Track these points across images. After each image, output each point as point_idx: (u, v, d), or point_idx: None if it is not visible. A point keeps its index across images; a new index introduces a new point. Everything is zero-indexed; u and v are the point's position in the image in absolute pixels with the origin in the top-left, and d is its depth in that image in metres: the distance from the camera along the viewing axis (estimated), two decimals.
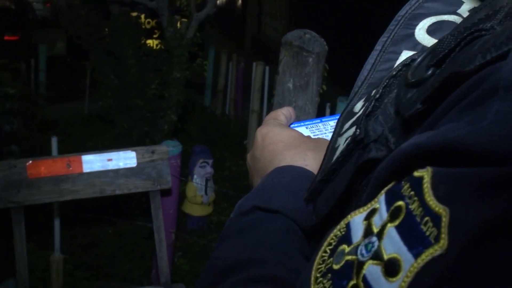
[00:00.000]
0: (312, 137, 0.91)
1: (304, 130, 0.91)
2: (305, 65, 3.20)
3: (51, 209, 3.53)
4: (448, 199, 0.38)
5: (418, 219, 0.40)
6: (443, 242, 0.38)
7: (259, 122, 6.55)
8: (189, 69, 5.32)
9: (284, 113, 0.93)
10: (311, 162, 0.79)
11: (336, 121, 0.96)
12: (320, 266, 0.47)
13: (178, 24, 5.66)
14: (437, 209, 0.39)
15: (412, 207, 0.41)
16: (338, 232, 0.48)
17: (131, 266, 4.40)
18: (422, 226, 0.39)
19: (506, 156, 0.37)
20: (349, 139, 0.59)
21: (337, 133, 0.65)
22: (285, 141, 0.83)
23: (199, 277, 0.66)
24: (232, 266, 0.63)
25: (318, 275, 0.47)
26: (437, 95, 0.47)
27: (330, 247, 0.48)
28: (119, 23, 5.33)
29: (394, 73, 0.60)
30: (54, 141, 3.51)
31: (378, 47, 0.70)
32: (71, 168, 3.19)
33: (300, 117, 3.06)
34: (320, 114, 3.91)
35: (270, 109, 5.38)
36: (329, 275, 0.46)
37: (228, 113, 7.91)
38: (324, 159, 0.65)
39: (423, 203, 0.40)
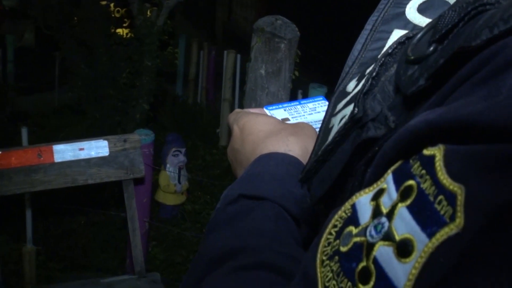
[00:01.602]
0: (291, 119, 0.90)
1: (282, 112, 0.91)
2: (277, 51, 3.20)
3: (22, 200, 3.49)
4: (463, 177, 0.37)
5: (431, 198, 0.39)
6: (459, 221, 0.37)
7: (231, 111, 6.52)
8: (160, 57, 5.29)
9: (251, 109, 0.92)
10: (294, 147, 0.78)
11: (314, 103, 0.96)
12: (325, 249, 0.46)
13: (148, 12, 5.61)
14: (451, 187, 0.38)
15: (424, 186, 0.39)
16: (343, 214, 0.47)
17: (105, 256, 4.37)
18: (436, 205, 0.38)
19: None
20: (346, 118, 0.58)
21: (330, 113, 0.64)
22: (264, 129, 0.82)
23: (188, 269, 0.65)
24: (223, 255, 0.62)
25: (324, 257, 0.46)
26: (441, 72, 0.46)
27: (335, 229, 0.46)
28: (88, 12, 5.28)
29: (390, 51, 0.59)
30: (24, 132, 3.46)
31: (368, 26, 0.68)
32: (42, 158, 3.16)
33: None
34: (293, 100, 3.91)
35: (242, 97, 5.37)
36: (336, 257, 0.44)
37: (200, 102, 7.88)
38: (317, 140, 0.63)
39: (436, 182, 0.39)
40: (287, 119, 0.90)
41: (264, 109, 0.92)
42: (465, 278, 0.36)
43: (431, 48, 0.48)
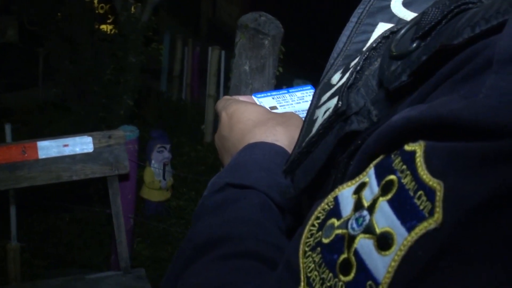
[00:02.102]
0: (278, 107, 0.91)
1: (270, 100, 0.92)
2: (261, 47, 3.21)
3: (7, 197, 3.47)
4: (442, 173, 0.38)
5: (411, 193, 0.40)
6: (438, 216, 0.38)
7: None
8: (144, 53, 5.27)
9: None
10: (281, 137, 0.79)
11: (303, 92, 0.96)
12: (308, 240, 0.47)
13: (133, 8, 5.59)
14: (431, 183, 0.39)
15: (404, 181, 0.41)
16: (326, 206, 0.48)
17: (90, 253, 4.37)
18: (415, 200, 0.39)
19: (501, 130, 0.37)
20: (329, 111, 0.59)
21: (315, 105, 0.65)
22: (253, 118, 0.83)
23: (174, 256, 0.66)
24: (208, 243, 0.62)
25: (306, 248, 0.46)
26: (424, 68, 0.47)
27: (318, 221, 0.47)
28: (72, 8, 5.25)
29: (374, 45, 0.60)
30: (8, 128, 3.45)
31: (353, 19, 0.69)
32: (26, 155, 3.15)
33: None
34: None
35: (226, 93, 5.37)
36: (319, 249, 0.45)
37: (185, 98, 7.87)
38: (301, 131, 0.64)
39: (416, 177, 0.40)
40: (275, 107, 0.91)
41: (253, 96, 0.93)
42: (443, 272, 0.38)
43: (414, 45, 0.50)
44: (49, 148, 3.17)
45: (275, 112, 0.87)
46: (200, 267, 0.60)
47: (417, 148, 0.41)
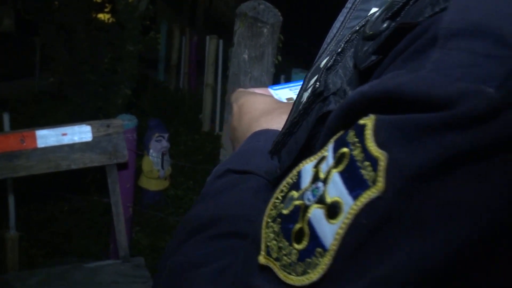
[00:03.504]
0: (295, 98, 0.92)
1: (287, 92, 0.93)
2: (260, 36, 3.20)
3: (5, 186, 3.46)
4: (386, 144, 0.40)
5: (359, 164, 0.41)
6: (380, 185, 0.39)
7: (214, 96, 6.53)
8: (142, 42, 5.25)
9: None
10: None
11: None
12: (271, 212, 0.48)
13: None
14: (376, 154, 0.40)
15: (354, 153, 0.42)
16: (290, 180, 0.49)
17: (88, 242, 4.37)
18: (362, 170, 0.41)
19: (440, 102, 0.39)
20: (309, 91, 0.61)
21: (304, 88, 0.66)
22: (260, 108, 0.85)
23: (173, 234, 0.67)
24: (202, 224, 0.64)
25: (269, 220, 0.48)
26: (388, 47, 0.49)
27: (282, 194, 0.49)
28: None
29: (357, 28, 0.61)
30: (6, 117, 3.44)
31: (348, 4, 0.70)
32: (24, 144, 3.14)
33: None
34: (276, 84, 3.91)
35: (224, 82, 5.36)
36: (279, 219, 0.47)
37: (182, 88, 7.86)
38: (289, 114, 0.66)
39: (364, 149, 0.41)
40: (292, 99, 0.91)
41: (269, 89, 0.94)
42: (385, 238, 0.39)
43: (385, 25, 0.51)
44: (47, 137, 3.17)
45: (283, 102, 0.88)
46: (190, 247, 0.62)
47: (368, 121, 0.42)
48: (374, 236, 0.40)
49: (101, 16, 6.01)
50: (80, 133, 3.22)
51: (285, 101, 0.90)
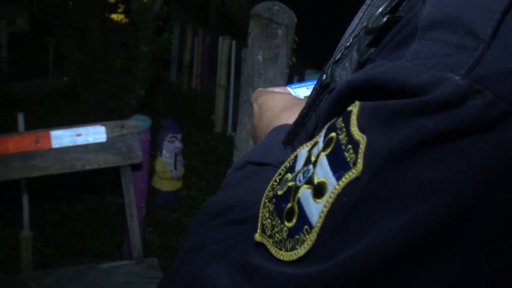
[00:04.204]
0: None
1: (305, 90, 0.94)
2: (274, 37, 3.20)
3: (19, 186, 3.48)
4: (367, 128, 0.43)
5: (343, 147, 0.44)
6: (359, 166, 0.42)
7: (226, 97, 6.53)
8: (156, 43, 5.26)
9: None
10: None
11: None
12: (269, 193, 0.52)
13: None
14: (357, 137, 0.43)
15: (340, 137, 0.45)
16: (288, 163, 0.53)
17: (101, 242, 4.37)
18: (345, 153, 0.44)
19: (414, 89, 0.42)
20: (317, 84, 0.65)
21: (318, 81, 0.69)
22: (280, 105, 0.86)
23: (194, 218, 0.70)
24: (218, 211, 0.66)
25: (266, 200, 0.51)
26: (380, 39, 0.51)
27: (279, 177, 0.52)
28: None
29: (365, 23, 0.62)
30: (20, 117, 3.45)
31: (368, 1, 0.71)
32: (39, 144, 3.16)
33: None
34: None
35: (236, 83, 5.36)
36: (274, 200, 0.50)
37: (195, 88, 7.87)
38: (304, 105, 0.69)
39: (348, 133, 0.44)
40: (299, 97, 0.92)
41: (288, 87, 0.96)
42: (363, 216, 0.42)
43: (384, 19, 0.53)
44: (62, 138, 3.18)
45: (301, 98, 0.90)
46: (204, 232, 0.64)
47: (353, 108, 0.45)
48: (353, 214, 0.42)
49: (115, 16, 6.04)
50: (95, 134, 3.23)
51: (300, 97, 0.91)
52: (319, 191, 0.44)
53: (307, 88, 0.94)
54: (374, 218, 0.42)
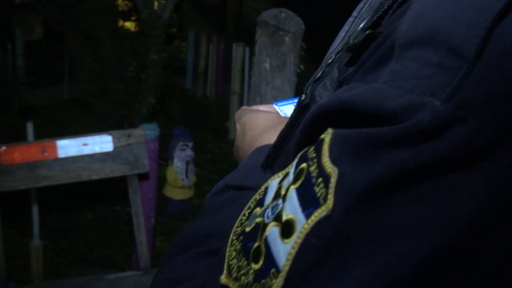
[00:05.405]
0: None
1: (291, 108, 0.90)
2: (281, 44, 3.16)
3: (29, 196, 3.48)
4: (338, 159, 0.38)
5: (314, 180, 0.39)
6: (329, 202, 0.37)
7: (240, 104, 6.52)
8: (166, 51, 5.25)
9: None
10: None
11: None
12: (237, 229, 0.47)
13: (155, 6, 5.58)
14: (328, 170, 0.38)
15: (311, 169, 0.40)
16: (258, 196, 0.48)
17: (112, 251, 4.37)
18: (315, 187, 0.39)
19: (389, 116, 0.37)
20: (295, 105, 0.60)
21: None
22: (263, 124, 0.83)
23: (169, 249, 0.67)
24: (193, 240, 0.63)
25: (234, 237, 0.47)
26: (358, 58, 0.47)
27: (248, 211, 0.48)
28: (94, 5, 5.25)
29: (347, 39, 0.59)
30: (29, 127, 3.45)
31: (354, 13, 0.67)
32: (46, 154, 3.15)
33: (278, 98, 3.03)
34: (298, 94, 3.89)
35: (250, 90, 5.34)
36: (241, 237, 0.46)
37: (209, 95, 7.87)
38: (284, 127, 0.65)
39: (319, 165, 0.39)
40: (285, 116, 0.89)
41: (274, 105, 0.92)
42: (335, 260, 0.37)
43: (364, 35, 0.49)
44: (68, 147, 3.17)
45: (285, 117, 0.85)
46: (178, 263, 0.60)
47: (326, 136, 0.40)
48: (324, 257, 0.37)
49: (127, 24, 6.06)
50: (101, 143, 3.21)
51: (284, 115, 0.87)
52: (287, 229, 0.40)
53: (293, 106, 0.90)
54: (347, 262, 0.37)
